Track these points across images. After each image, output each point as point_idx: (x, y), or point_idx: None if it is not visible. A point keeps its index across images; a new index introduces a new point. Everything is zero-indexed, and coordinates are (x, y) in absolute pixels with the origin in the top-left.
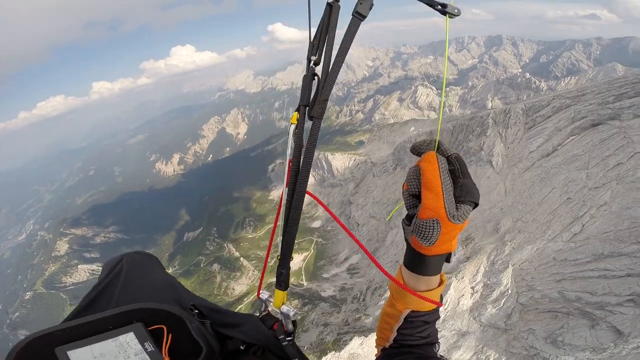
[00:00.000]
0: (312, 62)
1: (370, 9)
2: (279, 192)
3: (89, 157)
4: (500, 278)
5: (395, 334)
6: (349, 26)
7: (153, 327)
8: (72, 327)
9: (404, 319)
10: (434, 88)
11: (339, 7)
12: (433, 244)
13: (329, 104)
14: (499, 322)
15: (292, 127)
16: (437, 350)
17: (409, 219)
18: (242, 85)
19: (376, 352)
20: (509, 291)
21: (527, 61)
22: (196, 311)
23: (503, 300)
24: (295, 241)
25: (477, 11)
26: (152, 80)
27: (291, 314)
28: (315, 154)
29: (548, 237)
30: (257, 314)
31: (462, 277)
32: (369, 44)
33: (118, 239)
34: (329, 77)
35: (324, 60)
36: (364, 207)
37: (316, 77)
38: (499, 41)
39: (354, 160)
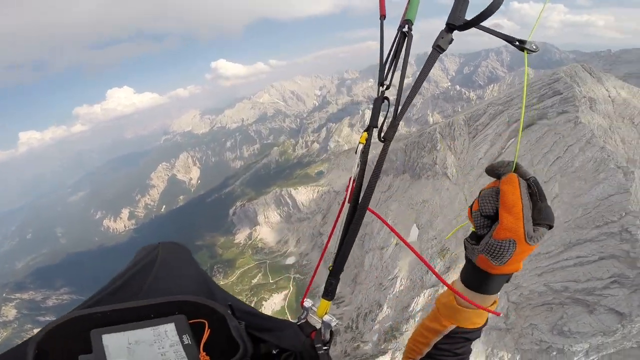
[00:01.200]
0: (383, 87)
1: (450, 43)
2: (244, 235)
3: (24, 218)
4: None
5: (431, 348)
6: (429, 58)
7: (194, 320)
8: (114, 311)
9: (445, 334)
10: (381, 111)
11: (412, 36)
12: (504, 263)
13: (284, 137)
14: (499, 324)
15: (360, 146)
16: None
17: (474, 239)
18: (189, 127)
19: None
20: (499, 293)
21: (454, 74)
22: (228, 311)
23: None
24: (272, 280)
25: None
26: (88, 127)
27: (333, 324)
28: (277, 190)
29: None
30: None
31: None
32: (315, 73)
33: (73, 300)
34: (406, 102)
35: (399, 86)
36: (334, 237)
37: (386, 100)
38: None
39: (317, 191)
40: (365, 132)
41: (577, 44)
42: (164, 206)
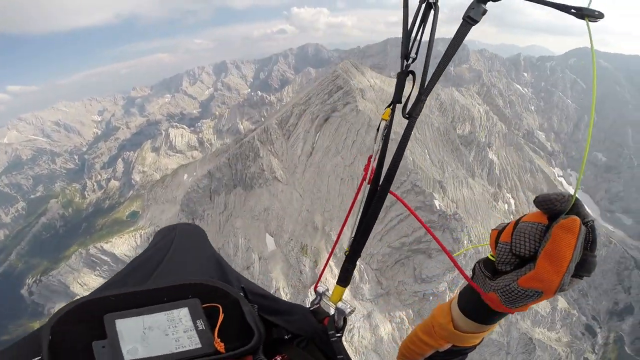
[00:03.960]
0: (408, 60)
1: (483, 15)
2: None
3: None
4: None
5: (425, 358)
6: (459, 29)
7: (207, 305)
8: (127, 294)
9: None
10: (185, 127)
11: (439, 7)
12: (516, 308)
13: (62, 183)
14: (380, 291)
15: (383, 123)
16: None
17: (489, 269)
18: None
19: None
20: (362, 266)
21: (252, 80)
22: (242, 294)
23: (365, 275)
24: None
25: (199, 41)
26: None
27: (347, 310)
28: (82, 251)
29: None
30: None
31: (326, 279)
32: (89, 95)
33: None
34: (434, 75)
35: (426, 59)
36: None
37: (411, 75)
38: (224, 67)
39: (141, 235)
40: (389, 109)
41: (337, 43)
42: None
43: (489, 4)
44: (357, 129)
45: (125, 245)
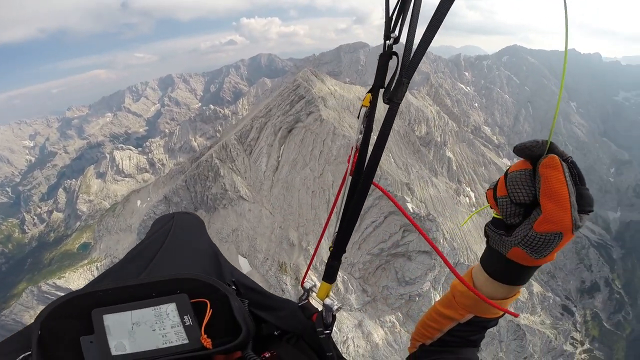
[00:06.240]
0: (390, 40)
1: None
2: None
3: None
4: None
5: (444, 334)
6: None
7: (195, 300)
8: (115, 289)
9: (462, 322)
10: (132, 148)
11: None
12: (545, 257)
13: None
14: (366, 298)
15: (364, 110)
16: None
17: (501, 227)
18: None
19: (409, 346)
20: (344, 277)
21: (202, 94)
22: (234, 288)
23: (350, 285)
24: None
25: (140, 55)
26: None
27: (334, 307)
28: (32, 289)
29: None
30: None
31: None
32: (16, 118)
33: None
34: (415, 54)
35: (408, 37)
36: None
37: (394, 56)
38: (170, 81)
39: (97, 267)
40: (369, 94)
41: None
42: None
43: None
44: (322, 138)
45: (81, 279)
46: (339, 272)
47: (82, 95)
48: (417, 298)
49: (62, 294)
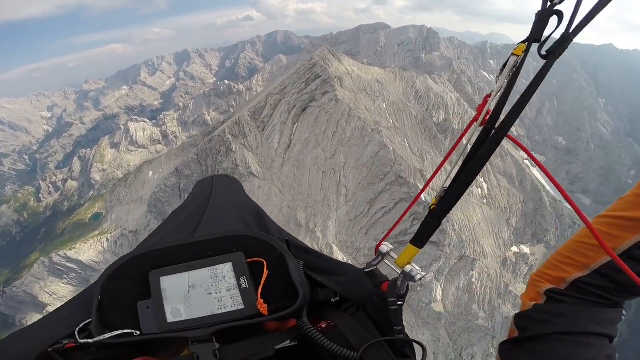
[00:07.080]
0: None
1: None
2: (37, 319)
3: None
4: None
5: (589, 274)
6: None
7: (251, 259)
8: (172, 248)
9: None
10: (146, 120)
11: None
12: None
13: (13, 186)
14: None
15: (513, 59)
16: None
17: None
18: None
19: (524, 293)
20: (348, 262)
21: (217, 69)
22: (286, 248)
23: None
24: None
25: (157, 30)
26: None
27: (417, 276)
28: (44, 260)
29: (334, 207)
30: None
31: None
32: (35, 90)
33: None
34: (590, 14)
35: None
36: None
37: (556, 15)
38: (187, 56)
39: (107, 239)
40: (523, 44)
41: (307, 30)
42: None
43: None
44: (337, 119)
45: (91, 251)
46: (342, 256)
47: (100, 69)
48: (418, 288)
49: (73, 266)
